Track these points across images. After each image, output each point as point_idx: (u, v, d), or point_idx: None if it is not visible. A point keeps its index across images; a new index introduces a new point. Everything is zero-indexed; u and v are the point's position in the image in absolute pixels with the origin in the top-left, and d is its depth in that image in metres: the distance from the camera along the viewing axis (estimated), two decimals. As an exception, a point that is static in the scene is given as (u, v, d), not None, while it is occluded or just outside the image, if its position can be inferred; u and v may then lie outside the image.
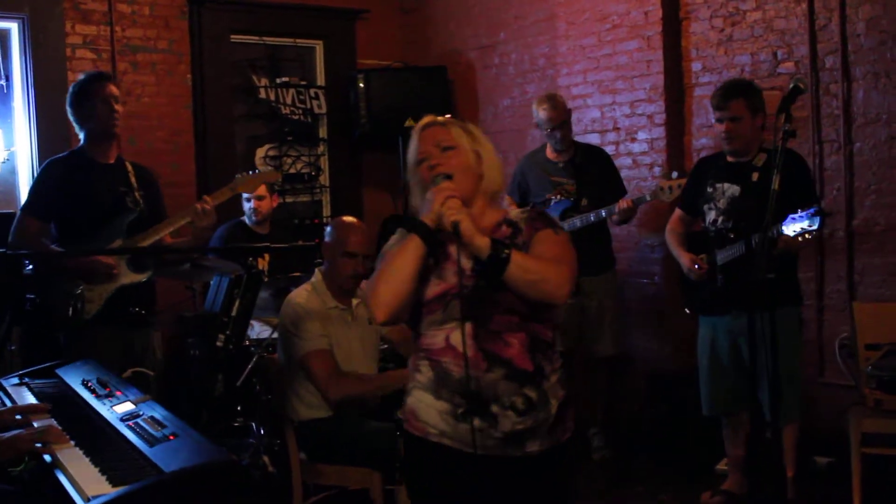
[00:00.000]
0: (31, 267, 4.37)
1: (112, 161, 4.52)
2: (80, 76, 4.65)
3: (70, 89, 4.54)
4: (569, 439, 2.78)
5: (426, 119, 2.86)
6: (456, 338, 2.65)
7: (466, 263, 2.68)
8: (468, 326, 2.64)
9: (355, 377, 4.19)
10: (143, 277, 4.43)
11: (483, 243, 2.59)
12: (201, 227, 4.38)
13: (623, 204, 5.29)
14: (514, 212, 2.83)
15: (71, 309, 4.21)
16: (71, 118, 4.52)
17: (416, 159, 2.81)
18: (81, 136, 4.53)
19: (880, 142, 5.21)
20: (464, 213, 2.61)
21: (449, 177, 2.70)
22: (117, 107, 4.45)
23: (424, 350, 2.73)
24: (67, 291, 4.25)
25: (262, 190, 6.20)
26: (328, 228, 4.41)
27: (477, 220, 2.69)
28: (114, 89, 4.47)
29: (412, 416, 2.75)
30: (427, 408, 2.71)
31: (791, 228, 4.07)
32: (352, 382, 4.15)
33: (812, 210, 4.05)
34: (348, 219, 4.44)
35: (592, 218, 5.41)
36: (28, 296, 4.85)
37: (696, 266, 4.63)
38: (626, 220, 5.51)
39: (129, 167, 4.57)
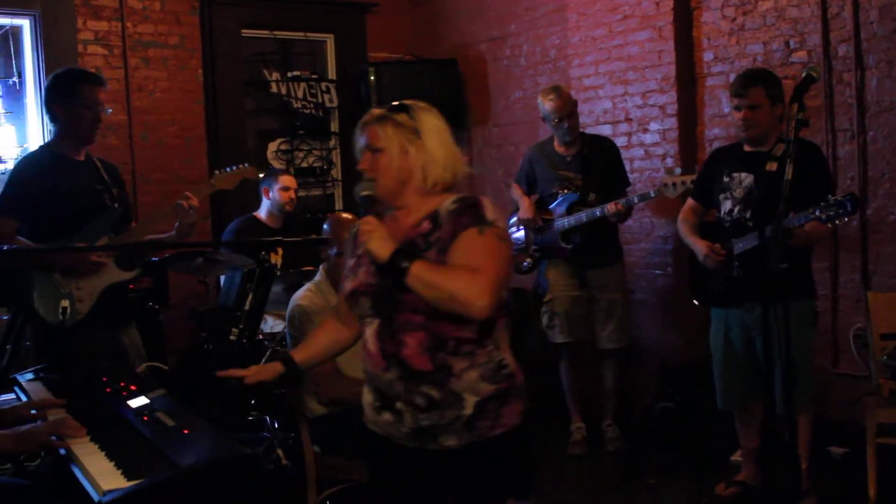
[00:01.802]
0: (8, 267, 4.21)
1: (83, 158, 4.39)
2: (68, 68, 4.46)
3: (55, 78, 4.37)
4: (502, 434, 2.65)
5: (367, 115, 2.80)
6: (368, 333, 2.72)
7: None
8: (376, 324, 2.68)
9: (348, 380, 4.11)
10: (131, 275, 4.36)
11: (384, 256, 2.59)
12: (187, 224, 4.32)
13: (611, 208, 5.30)
14: (446, 202, 2.69)
15: (61, 311, 4.09)
16: (45, 108, 4.38)
17: (357, 156, 2.81)
18: (54, 128, 4.39)
19: (894, 130, 5.18)
20: (374, 235, 2.62)
21: (372, 180, 2.71)
22: (102, 115, 4.32)
23: None
24: (54, 293, 4.13)
25: (294, 181, 6.24)
26: (324, 226, 4.39)
27: (404, 219, 2.74)
28: (102, 96, 4.32)
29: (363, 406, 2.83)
30: (364, 399, 2.79)
31: (825, 214, 4.04)
32: (343, 386, 4.10)
33: (848, 195, 4.03)
34: (342, 216, 4.42)
35: (598, 213, 5.41)
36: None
37: (715, 253, 4.59)
38: (623, 220, 5.51)
39: (99, 164, 4.45)
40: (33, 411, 3.17)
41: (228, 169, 4.69)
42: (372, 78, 7.52)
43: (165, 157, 6.94)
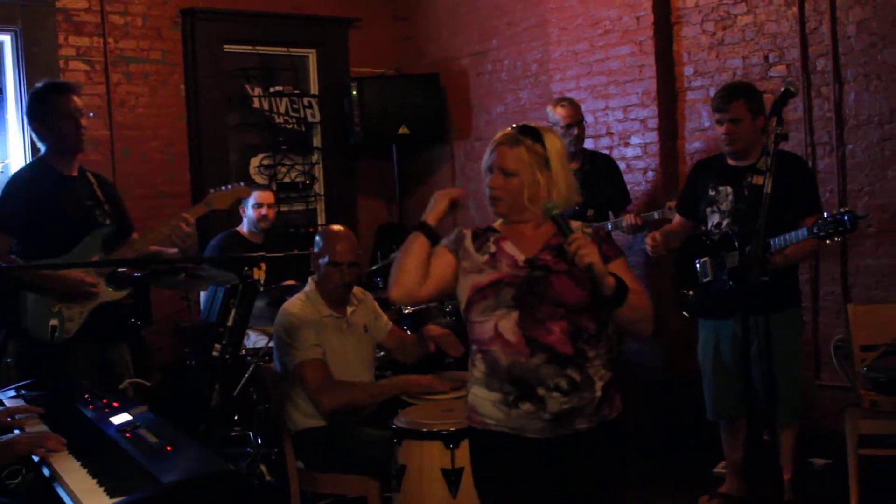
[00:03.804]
0: None
1: (75, 173, 4.33)
2: (38, 85, 4.37)
3: (31, 97, 4.33)
4: (617, 418, 2.95)
5: (500, 135, 2.99)
6: (504, 325, 2.87)
7: (520, 257, 2.93)
8: (514, 314, 2.86)
9: (348, 385, 4.18)
10: (121, 294, 4.30)
11: (610, 283, 2.79)
12: (189, 245, 4.30)
13: (630, 220, 5.30)
14: (574, 225, 2.93)
15: (50, 329, 4.04)
16: (30, 129, 4.33)
17: (484, 169, 3.00)
18: (43, 147, 4.32)
19: (872, 143, 5.23)
20: (597, 256, 2.77)
21: (498, 199, 2.96)
22: (82, 121, 4.25)
23: (476, 342, 2.96)
24: (43, 311, 4.08)
25: (270, 198, 6.23)
26: (316, 238, 4.42)
27: (529, 230, 2.99)
28: (78, 102, 4.25)
29: (472, 412, 2.98)
30: (483, 401, 2.93)
31: (823, 230, 4.06)
32: (344, 391, 4.15)
33: (846, 211, 4.04)
34: (335, 227, 4.45)
35: None
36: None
37: (653, 240, 4.67)
38: (635, 233, 5.52)
39: (92, 178, 4.40)
40: (10, 419, 3.16)
41: (223, 188, 4.68)
42: (354, 93, 7.55)
43: (147, 172, 6.93)
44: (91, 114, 4.38)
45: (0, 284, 4.09)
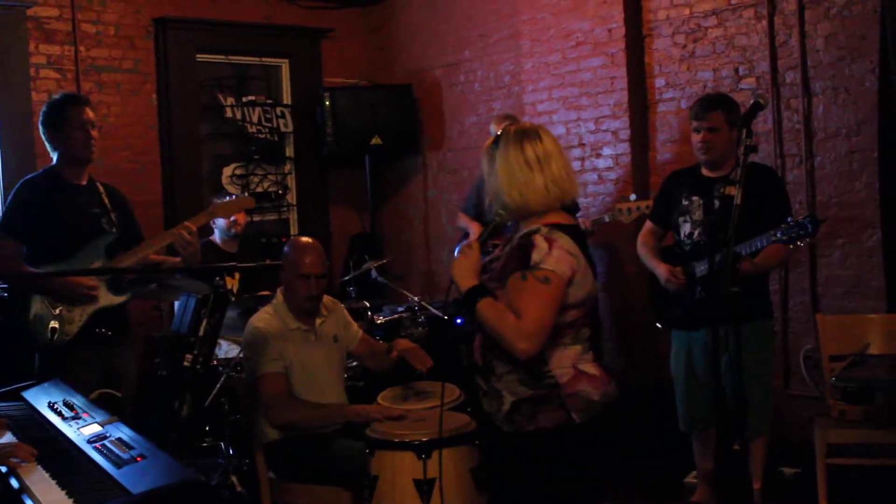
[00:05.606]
0: (6, 289, 4.39)
1: (84, 182, 4.50)
2: (55, 96, 4.60)
3: (44, 109, 4.50)
4: (535, 431, 2.95)
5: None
6: None
7: None
8: None
9: (299, 404, 4.14)
10: (122, 299, 4.43)
11: (462, 289, 2.95)
12: (192, 253, 4.35)
13: (584, 224, 5.33)
14: (518, 235, 3.00)
15: (50, 331, 4.18)
16: (43, 138, 4.49)
17: None
18: (54, 156, 4.48)
19: (841, 155, 5.29)
20: (461, 265, 2.95)
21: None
22: (93, 132, 4.43)
23: None
24: (45, 313, 4.21)
25: None
26: (284, 249, 4.39)
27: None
28: (90, 114, 4.44)
29: None
30: None
31: (787, 235, 4.10)
32: (293, 408, 4.11)
33: (808, 217, 4.09)
34: (301, 239, 4.42)
35: None
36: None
37: (675, 276, 4.62)
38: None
39: (101, 188, 4.57)
40: None
41: (227, 198, 4.76)
42: (327, 103, 7.55)
43: (119, 182, 6.72)
44: (100, 127, 4.50)
45: (12, 288, 4.38)
